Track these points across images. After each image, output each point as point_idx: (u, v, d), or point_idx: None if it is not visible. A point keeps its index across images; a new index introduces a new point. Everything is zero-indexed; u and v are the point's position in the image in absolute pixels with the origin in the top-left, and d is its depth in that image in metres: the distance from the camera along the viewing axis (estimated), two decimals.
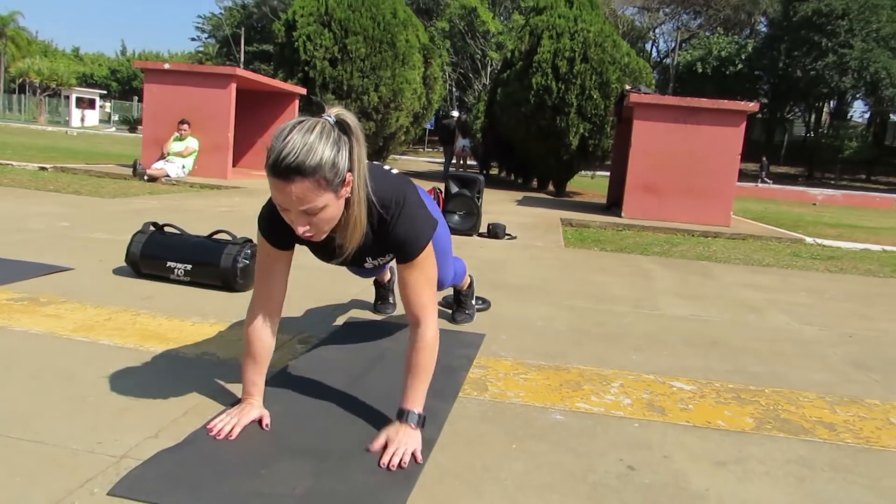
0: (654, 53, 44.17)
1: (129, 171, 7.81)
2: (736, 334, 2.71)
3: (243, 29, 38.00)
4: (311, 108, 10.96)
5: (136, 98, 43.47)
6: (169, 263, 2.61)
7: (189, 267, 2.59)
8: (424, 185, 6.94)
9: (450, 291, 2.63)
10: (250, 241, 2.70)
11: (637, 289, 3.52)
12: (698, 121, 7.49)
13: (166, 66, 8.60)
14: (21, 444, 1.30)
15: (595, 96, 11.49)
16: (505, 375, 1.93)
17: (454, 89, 36.09)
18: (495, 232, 5.12)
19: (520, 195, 10.88)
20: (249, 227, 3.01)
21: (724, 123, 7.55)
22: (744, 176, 24.83)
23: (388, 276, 2.52)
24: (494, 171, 17.18)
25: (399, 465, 1.30)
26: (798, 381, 2.14)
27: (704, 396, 1.92)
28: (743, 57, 35.26)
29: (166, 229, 2.77)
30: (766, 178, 28.34)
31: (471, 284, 2.53)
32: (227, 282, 2.57)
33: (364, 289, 2.83)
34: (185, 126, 8.02)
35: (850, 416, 1.85)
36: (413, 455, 1.34)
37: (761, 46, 35.27)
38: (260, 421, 1.46)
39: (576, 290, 3.35)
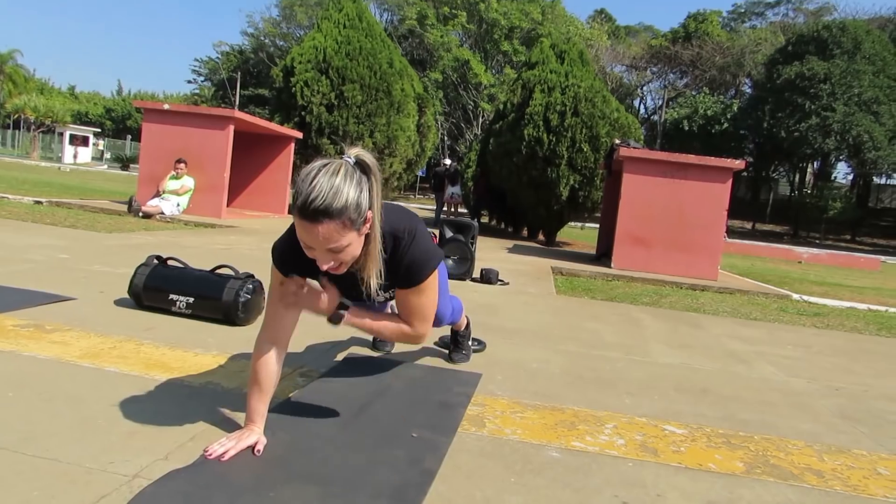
0: (643, 110, 45.35)
1: (124, 207, 7.87)
2: (725, 383, 2.77)
3: (239, 73, 38.69)
4: (308, 151, 11.14)
5: (129, 136, 43.88)
6: (171, 296, 2.65)
7: (191, 300, 2.63)
8: None
9: (446, 332, 2.68)
10: (252, 276, 2.76)
11: (628, 336, 3.59)
12: (686, 176, 7.69)
13: (166, 106, 8.76)
14: (37, 462, 1.33)
15: (585, 149, 11.78)
16: (502, 413, 1.98)
17: (446, 138, 36.72)
18: (488, 277, 5.19)
19: (510, 243, 11.00)
20: (247, 264, 3.08)
21: (711, 179, 7.76)
22: (730, 233, 25.32)
23: (388, 312, 2.57)
24: (485, 220, 17.38)
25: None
26: (786, 430, 2.20)
27: (696, 440, 1.97)
28: (728, 116, 36.28)
29: (170, 262, 2.82)
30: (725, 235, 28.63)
31: (468, 326, 2.58)
32: (229, 316, 2.61)
33: None
34: (182, 165, 8.12)
35: (837, 465, 1.91)
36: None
37: (746, 107, 36.31)
38: (254, 447, 1.49)
39: (568, 335, 3.41)
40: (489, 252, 8.28)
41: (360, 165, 1.38)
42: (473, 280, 5.23)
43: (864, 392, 2.93)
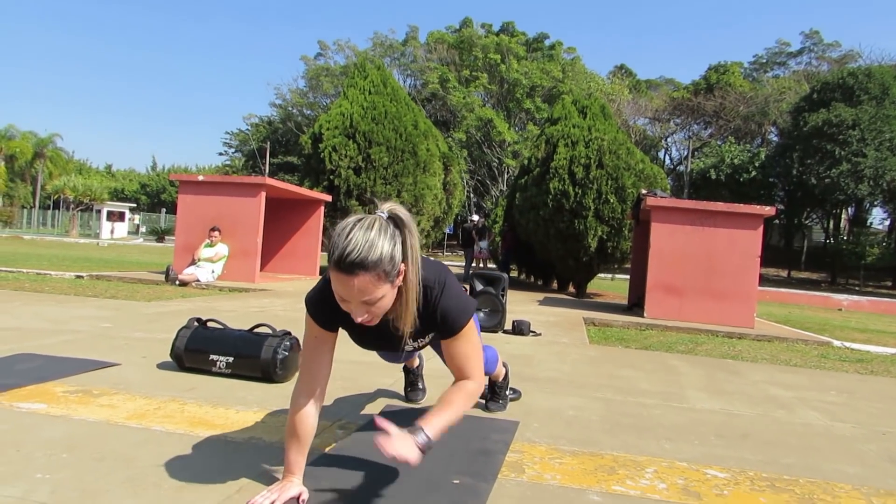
0: (668, 161, 45.48)
1: (161, 277, 8.11)
2: (767, 428, 2.72)
3: (268, 143, 40.05)
4: (337, 213, 11.40)
5: (164, 210, 45.33)
6: (212, 357, 2.73)
7: (231, 359, 2.70)
8: None
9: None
10: (289, 333, 2.83)
11: (664, 384, 3.55)
12: (715, 224, 7.68)
13: (200, 177, 9.11)
14: None
15: (612, 200, 11.84)
16: (541, 459, 1.98)
17: (472, 195, 37.19)
18: (520, 329, 5.20)
19: (541, 296, 10.98)
20: (281, 324, 3.16)
21: (741, 227, 7.72)
22: (765, 280, 24.82)
23: (416, 362, 2.61)
24: (514, 274, 17.40)
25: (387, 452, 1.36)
26: (832, 473, 2.15)
27: (739, 483, 1.94)
28: (756, 164, 36.08)
29: (209, 324, 2.91)
30: None
31: (506, 376, 2.61)
32: (267, 373, 2.68)
33: (397, 380, 2.91)
34: (216, 233, 8.38)
35: None
36: (397, 456, 1.36)
37: (773, 154, 36.12)
38: (298, 497, 1.52)
39: (604, 383, 3.39)
40: (520, 305, 8.28)
41: (394, 220, 1.44)
42: (505, 332, 5.24)
43: None
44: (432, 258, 1.71)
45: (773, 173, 35.36)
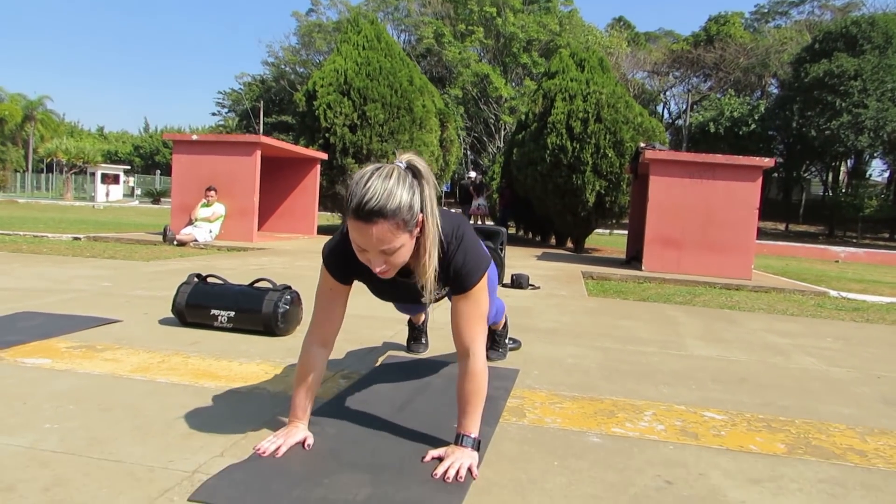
0: (666, 115, 45.02)
1: (159, 238, 8.09)
2: (764, 373, 2.76)
3: (262, 102, 39.47)
4: (333, 172, 11.33)
5: (158, 171, 44.96)
6: (213, 311, 2.75)
7: (232, 314, 2.72)
8: None
9: None
10: (290, 287, 2.84)
11: (663, 333, 3.58)
12: (714, 176, 7.64)
13: (194, 137, 9.02)
14: (102, 464, 1.41)
15: (610, 154, 11.76)
16: (541, 405, 2.02)
17: (469, 152, 36.90)
18: (519, 282, 5.23)
19: (539, 251, 11.01)
20: (282, 280, 3.16)
21: (740, 178, 7.69)
22: (763, 234, 24.87)
23: (422, 317, 2.63)
24: (512, 230, 17.41)
25: (455, 478, 1.39)
26: (828, 414, 2.19)
27: (736, 425, 1.97)
28: (756, 117, 35.72)
29: (210, 280, 2.92)
30: None
31: (505, 325, 2.63)
32: (269, 327, 2.70)
33: (397, 332, 2.94)
34: (212, 192, 8.33)
35: (880, 445, 1.90)
36: (469, 469, 1.43)
37: (773, 107, 35.71)
38: (303, 442, 1.55)
39: (603, 333, 3.43)
40: (519, 260, 8.30)
41: (412, 170, 1.42)
42: (504, 286, 5.26)
43: None
44: (453, 210, 1.69)
45: (772, 126, 35.04)
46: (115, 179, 39.36)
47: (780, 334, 3.87)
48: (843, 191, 37.34)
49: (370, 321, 3.24)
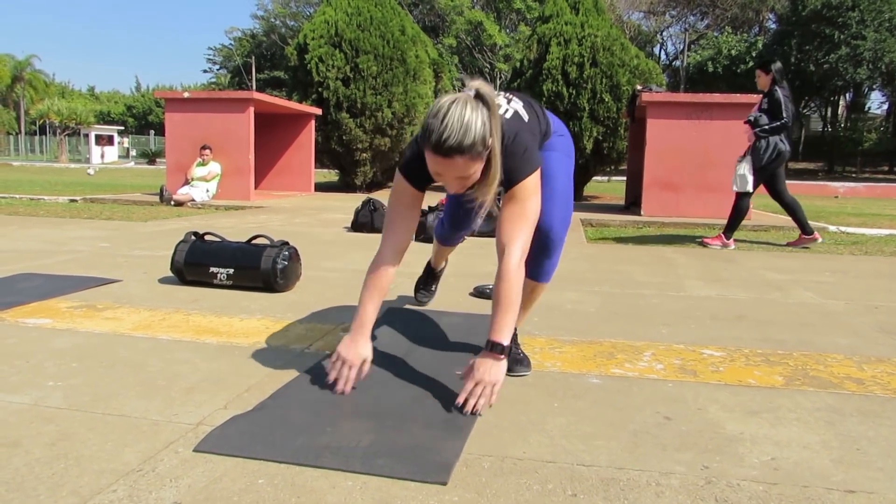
0: (664, 57, 44.18)
1: (156, 198, 8.04)
2: (762, 309, 2.78)
3: (253, 58, 38.63)
4: (328, 127, 11.18)
5: (152, 132, 44.40)
6: (212, 269, 2.74)
7: (231, 271, 2.72)
8: (439, 195, 6.95)
9: (482, 280, 2.71)
10: (287, 243, 2.83)
11: (661, 275, 3.59)
12: (711, 116, 7.55)
13: (186, 94, 8.87)
14: (107, 418, 1.43)
15: (607, 99, 11.59)
16: (540, 350, 2.03)
17: None
18: None
19: None
20: (281, 237, 3.14)
21: (737, 117, 7.57)
22: None
23: (442, 263, 2.54)
24: None
25: (473, 411, 1.44)
26: (825, 345, 2.21)
27: (734, 360, 1.99)
28: (754, 55, 35.08)
29: (207, 237, 2.91)
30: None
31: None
32: (268, 283, 2.70)
33: (397, 285, 2.94)
34: (207, 151, 8.24)
35: (877, 373, 1.92)
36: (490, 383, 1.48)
37: (771, 43, 35.07)
38: (361, 367, 1.60)
39: (602, 278, 3.43)
40: None
41: (481, 98, 1.45)
42: None
43: None
44: (513, 112, 1.65)
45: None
46: (110, 140, 38.91)
47: (778, 271, 3.89)
48: (843, 125, 37.03)
49: None
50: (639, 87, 9.23)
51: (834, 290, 3.27)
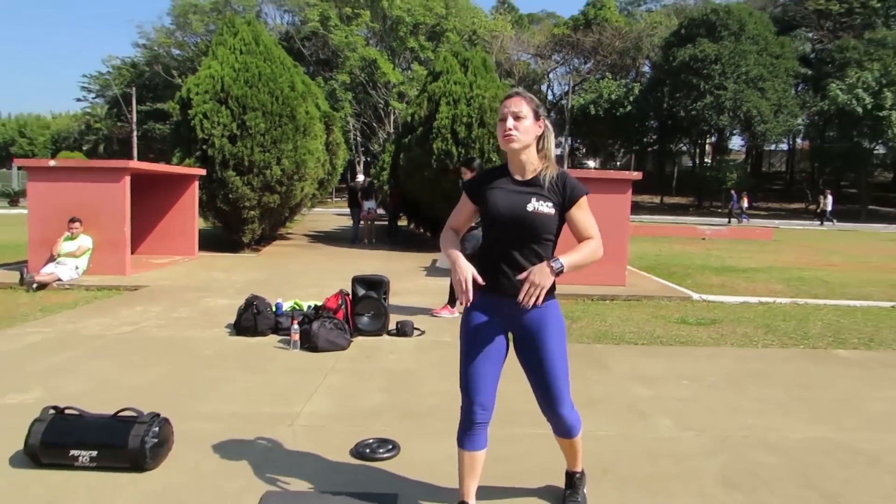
0: (550, 96, 46.44)
1: (14, 276, 7.38)
2: (624, 455, 2.98)
3: (134, 88, 36.82)
4: (213, 186, 10.84)
5: (15, 167, 40.71)
6: (72, 452, 2.57)
7: (94, 453, 2.57)
8: (331, 288, 6.88)
9: (363, 434, 2.73)
10: (158, 415, 2.73)
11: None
12: (593, 189, 8.02)
13: (52, 163, 8.34)
14: None
15: (494, 159, 12.02)
16: None
17: (359, 137, 36.43)
18: (404, 330, 5.28)
19: (428, 259, 11.15)
20: (159, 347, 2.94)
21: (612, 191, 8.13)
22: (639, 208, 26.53)
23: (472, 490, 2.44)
24: (403, 223, 17.46)
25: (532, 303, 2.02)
26: None
27: None
28: (631, 99, 37.82)
29: (67, 412, 2.73)
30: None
31: (583, 473, 2.55)
32: (137, 463, 2.58)
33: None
34: (77, 224, 7.74)
35: None
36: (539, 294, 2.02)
37: (646, 89, 38.00)
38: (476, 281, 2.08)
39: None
40: (408, 280, 8.37)
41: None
42: (389, 333, 5.30)
43: (745, 438, 3.22)
44: None
45: (646, 107, 37.26)
46: None
47: (644, 382, 4.17)
48: (709, 164, 40.49)
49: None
50: None
51: (690, 414, 3.57)
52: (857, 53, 34.71)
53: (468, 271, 2.05)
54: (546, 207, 2.11)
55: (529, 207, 2.09)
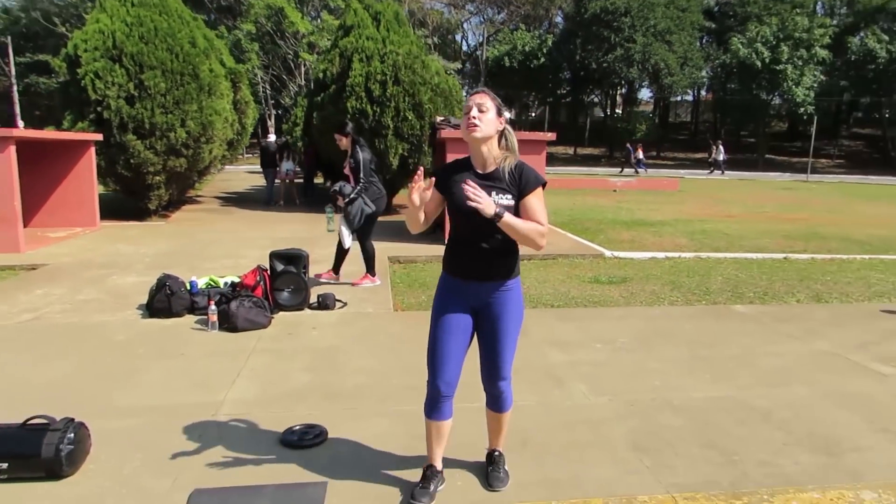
0: (465, 47, 46.05)
1: None
2: (543, 425, 3.14)
3: (9, 37, 33.46)
4: (112, 150, 10.19)
5: None
6: None
7: (5, 465, 2.46)
8: (247, 259, 6.75)
9: (293, 419, 2.74)
10: (72, 420, 2.63)
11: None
12: None
13: None
14: None
15: (410, 117, 11.91)
16: None
17: (269, 89, 34.97)
18: (325, 303, 5.25)
19: None
20: (64, 335, 2.81)
21: (529, 153, 8.23)
22: (555, 159, 27.16)
23: (439, 454, 2.59)
24: (319, 181, 17.09)
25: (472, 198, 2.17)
26: (592, 486, 2.59)
27: None
28: (545, 51, 38.06)
29: None
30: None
31: (501, 453, 2.70)
32: (53, 471, 2.49)
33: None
34: None
35: None
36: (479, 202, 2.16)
37: (559, 41, 38.31)
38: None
39: (407, 384, 3.60)
40: (326, 246, 8.24)
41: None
42: (311, 307, 5.27)
43: (652, 401, 3.46)
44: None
45: (559, 59, 37.65)
46: None
47: (560, 347, 4.36)
48: (619, 115, 41.71)
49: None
50: (439, 119, 9.61)
51: (602, 378, 3.78)
52: (758, 8, 36.27)
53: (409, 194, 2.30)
54: (506, 200, 2.28)
55: (492, 196, 2.27)
